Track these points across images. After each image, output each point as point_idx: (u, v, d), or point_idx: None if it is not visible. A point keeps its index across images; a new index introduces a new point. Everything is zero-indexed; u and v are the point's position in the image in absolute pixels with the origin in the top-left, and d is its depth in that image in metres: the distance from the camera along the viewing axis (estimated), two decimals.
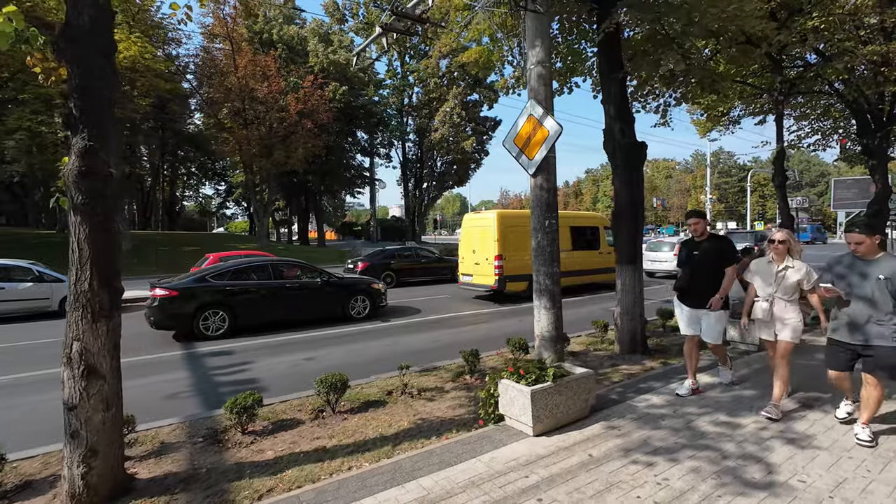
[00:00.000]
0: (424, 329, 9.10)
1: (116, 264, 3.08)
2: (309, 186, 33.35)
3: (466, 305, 11.88)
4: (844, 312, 3.42)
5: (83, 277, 2.91)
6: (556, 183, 5.57)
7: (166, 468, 3.48)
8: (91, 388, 2.91)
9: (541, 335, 5.40)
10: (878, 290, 3.21)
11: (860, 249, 3.35)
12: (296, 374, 6.32)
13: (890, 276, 3.18)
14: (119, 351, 3.09)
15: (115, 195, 3.05)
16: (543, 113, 5.25)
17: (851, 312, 3.37)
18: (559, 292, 5.38)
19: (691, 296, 4.64)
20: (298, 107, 25.35)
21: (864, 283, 3.31)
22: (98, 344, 2.94)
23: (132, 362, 6.88)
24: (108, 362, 2.99)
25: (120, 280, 3.10)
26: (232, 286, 8.68)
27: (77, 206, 2.90)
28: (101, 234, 2.97)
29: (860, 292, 3.32)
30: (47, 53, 3.11)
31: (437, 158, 36.67)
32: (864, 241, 3.32)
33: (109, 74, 3.09)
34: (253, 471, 3.38)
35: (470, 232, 13.33)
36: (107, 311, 2.98)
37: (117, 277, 3.07)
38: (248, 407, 4.00)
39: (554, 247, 5.36)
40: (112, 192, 3.02)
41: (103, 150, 2.97)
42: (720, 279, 4.43)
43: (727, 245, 4.58)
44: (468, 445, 3.56)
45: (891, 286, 3.18)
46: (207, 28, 27.18)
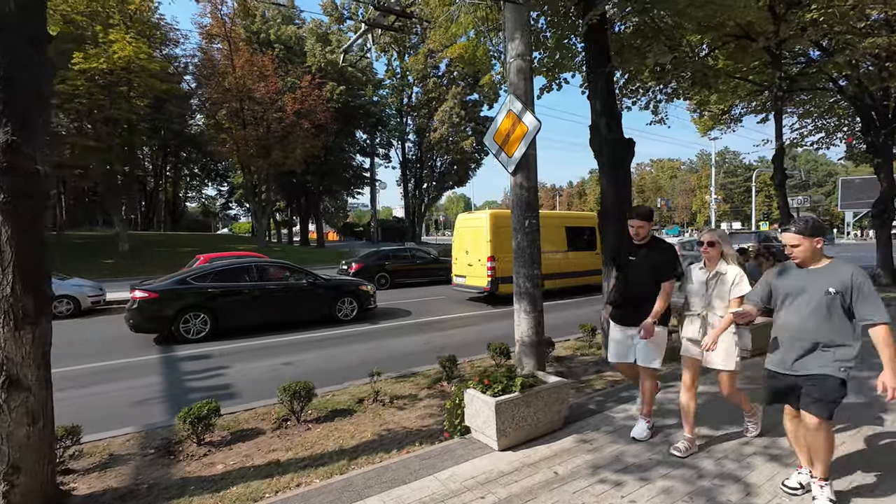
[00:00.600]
0: (412, 332, 8.88)
1: (44, 267, 2.88)
2: (308, 187, 33.27)
3: (458, 307, 11.67)
4: (782, 334, 2.71)
5: (5, 282, 2.71)
6: (538, 181, 5.33)
7: (108, 483, 3.29)
8: (12, 401, 2.71)
9: (521, 340, 5.17)
10: (824, 307, 2.51)
11: (796, 254, 2.62)
12: (271, 379, 6.10)
13: (842, 291, 2.47)
14: (48, 360, 2.90)
15: (41, 194, 2.86)
16: (522, 108, 5.04)
17: (789, 334, 2.65)
18: (540, 295, 5.15)
19: (623, 310, 3.70)
20: (296, 107, 25.26)
21: (804, 297, 2.60)
22: (22, 353, 2.74)
23: (104, 367, 6.72)
24: (34, 372, 2.80)
25: (48, 284, 2.90)
26: (213, 288, 8.51)
27: (2, 209, 2.70)
28: (25, 235, 2.77)
29: (798, 310, 2.61)
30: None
31: (437, 158, 36.50)
32: (800, 244, 2.58)
33: (38, 65, 2.90)
34: (197, 487, 3.18)
35: (463, 232, 13.12)
36: (32, 318, 2.78)
37: (44, 281, 2.87)
38: (203, 417, 3.80)
39: (534, 248, 5.14)
40: (38, 191, 2.83)
41: (27, 145, 2.78)
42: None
43: (667, 255, 3.53)
44: (428, 460, 3.34)
45: (844, 302, 2.48)
46: (205, 28, 27.17)
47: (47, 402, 2.89)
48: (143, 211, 45.45)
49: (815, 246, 2.58)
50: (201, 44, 27.67)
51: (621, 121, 6.15)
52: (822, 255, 2.62)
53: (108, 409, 5.01)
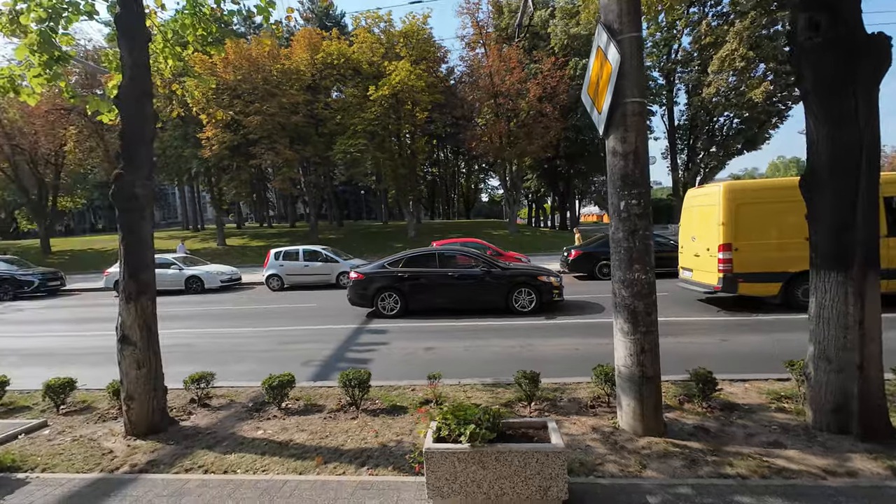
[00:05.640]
0: (578, 333, 7.68)
1: (145, 261, 4.03)
2: (560, 171, 33.00)
3: (675, 310, 9.19)
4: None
5: (121, 271, 3.97)
6: (646, 142, 3.64)
7: (203, 421, 4.36)
8: (125, 351, 3.96)
9: (618, 371, 3.78)
10: None
11: None
12: (402, 361, 6.58)
13: None
14: (150, 324, 4.06)
15: (139, 208, 3.99)
16: (608, 40, 3.56)
17: None
18: (646, 309, 3.58)
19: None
20: (538, 92, 25.33)
21: None
22: (130, 320, 3.96)
23: (309, 331, 8.79)
24: (137, 333, 3.99)
25: (148, 273, 4.04)
26: (401, 273, 9.72)
27: (118, 217, 3.95)
28: (131, 237, 3.95)
29: None
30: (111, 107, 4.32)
31: (717, 118, 29.35)
32: None
33: (142, 119, 4.02)
34: (229, 444, 3.82)
35: (690, 213, 10.21)
36: (135, 297, 3.96)
37: (145, 271, 4.02)
38: (278, 386, 4.48)
39: (635, 241, 3.61)
40: (136, 206, 3.96)
41: (130, 175, 3.93)
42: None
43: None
44: (368, 491, 2.89)
45: None
46: (467, 39, 30.54)
47: (149, 353, 4.07)
48: (432, 202, 55.49)
49: None
50: (462, 54, 31.35)
51: (856, 5, 3.36)
52: None
53: (281, 364, 6.52)
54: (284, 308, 11.74)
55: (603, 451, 3.42)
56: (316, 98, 27.84)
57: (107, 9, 4.67)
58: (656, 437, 3.57)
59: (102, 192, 53.19)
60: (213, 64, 23.68)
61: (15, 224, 56.07)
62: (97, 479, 3.36)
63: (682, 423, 3.83)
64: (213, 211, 40.77)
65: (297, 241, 27.52)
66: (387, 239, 30.46)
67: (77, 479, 3.37)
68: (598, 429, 3.80)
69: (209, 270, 16.20)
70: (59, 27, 4.42)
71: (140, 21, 4.08)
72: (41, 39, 4.30)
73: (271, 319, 10.27)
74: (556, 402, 4.44)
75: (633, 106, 3.56)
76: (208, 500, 2.98)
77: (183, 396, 4.93)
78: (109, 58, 5.06)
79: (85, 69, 21.67)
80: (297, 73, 26.93)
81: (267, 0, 4.89)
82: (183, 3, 4.96)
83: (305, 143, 27.51)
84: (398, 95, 25.21)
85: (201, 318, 10.78)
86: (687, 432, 3.66)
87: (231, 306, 12.53)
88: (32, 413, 4.79)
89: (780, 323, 7.67)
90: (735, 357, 5.93)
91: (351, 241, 29.21)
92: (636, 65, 3.56)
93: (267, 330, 9.17)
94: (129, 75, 4.01)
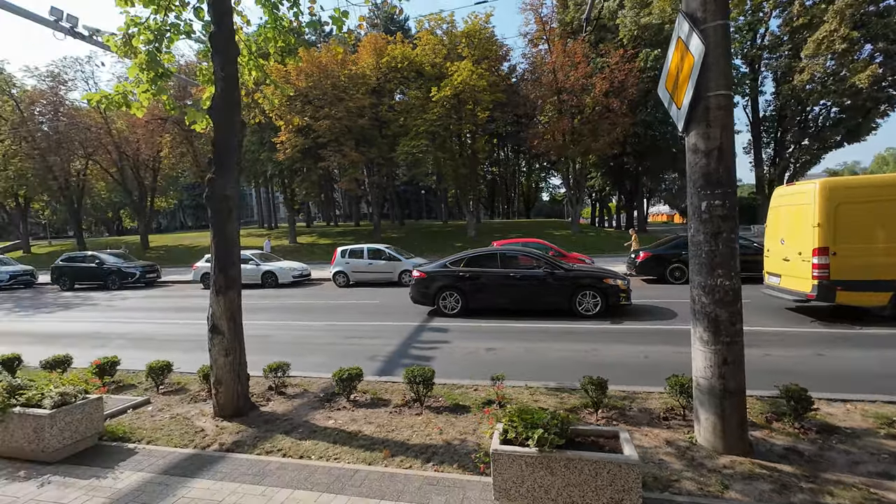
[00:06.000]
0: (646, 340, 7.30)
1: (232, 257, 4.39)
2: (627, 169, 31.48)
3: (760, 319, 8.40)
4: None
5: (212, 266, 4.35)
6: (732, 138, 3.39)
7: (280, 408, 4.67)
8: (215, 340, 4.34)
9: (696, 383, 3.57)
10: None
11: None
12: (463, 360, 6.64)
13: None
14: (236, 316, 4.42)
15: (228, 209, 4.34)
16: (689, 30, 3.36)
17: None
18: (730, 318, 3.35)
19: None
20: (605, 87, 24.33)
21: None
22: (219, 311, 4.34)
23: (373, 326, 9.08)
24: (226, 323, 4.35)
25: (235, 269, 4.40)
26: (463, 272, 9.78)
27: (210, 217, 4.34)
28: (220, 236, 4.33)
29: None
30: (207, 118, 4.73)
31: (811, 108, 26.47)
32: None
33: (231, 127, 4.38)
34: (303, 431, 4.06)
35: (778, 213, 9.32)
36: (223, 290, 4.33)
37: (232, 267, 4.38)
38: (347, 379, 4.70)
39: (718, 245, 3.39)
40: (225, 207, 4.32)
41: (221, 179, 4.30)
42: None
43: None
44: (430, 487, 2.94)
45: None
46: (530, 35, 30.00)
47: (235, 343, 4.42)
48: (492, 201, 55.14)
49: None
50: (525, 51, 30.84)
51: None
52: None
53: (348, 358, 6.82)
54: (350, 304, 12.26)
55: (679, 466, 3.22)
56: (380, 101, 28.76)
57: (202, 27, 5.14)
58: (740, 457, 3.31)
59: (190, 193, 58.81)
60: (287, 72, 25.23)
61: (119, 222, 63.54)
62: (192, 454, 3.72)
63: (771, 444, 3.51)
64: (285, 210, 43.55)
65: (361, 239, 28.63)
66: (447, 238, 30.78)
67: (176, 452, 3.76)
68: (672, 442, 3.59)
69: (282, 266, 17.30)
70: (162, 47, 4.93)
71: (230, 38, 4.44)
72: (148, 59, 4.82)
73: (338, 314, 10.77)
74: (624, 410, 4.26)
75: (717, 99, 3.32)
76: (287, 482, 3.20)
77: (262, 384, 5.32)
78: (203, 71, 5.55)
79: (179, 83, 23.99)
80: (362, 78, 27.97)
81: (341, 11, 5.13)
82: (265, 19, 5.34)
83: (370, 145, 28.52)
84: (460, 96, 25.36)
85: (276, 311, 11.55)
86: (776, 454, 3.35)
87: (302, 300, 13.30)
88: (137, 391, 5.40)
89: (888, 338, 6.79)
90: (833, 374, 5.33)
91: (412, 240, 29.87)
92: (722, 55, 3.31)
93: (334, 324, 9.64)
94: (220, 87, 4.39)
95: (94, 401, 3.98)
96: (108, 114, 29.09)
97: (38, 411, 3.64)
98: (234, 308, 4.42)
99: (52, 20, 8.23)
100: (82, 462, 3.66)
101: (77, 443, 3.79)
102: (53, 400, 3.72)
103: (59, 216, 50.19)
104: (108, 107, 5.00)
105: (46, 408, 3.67)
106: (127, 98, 5.11)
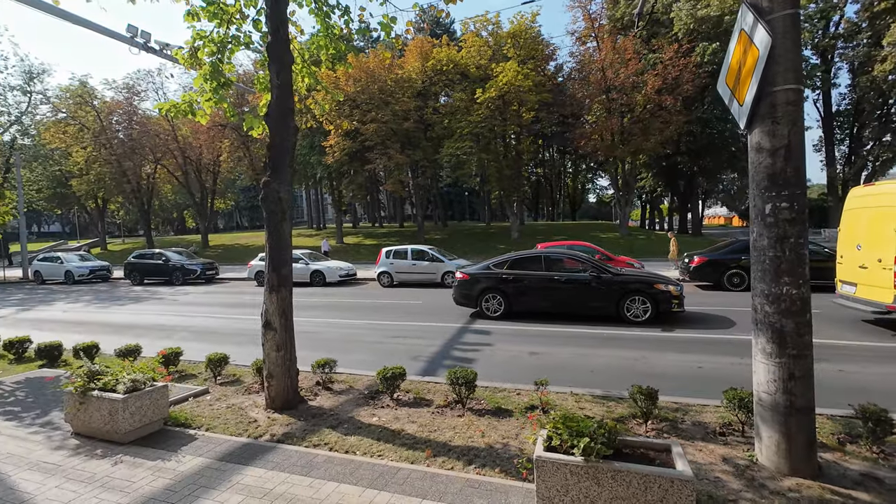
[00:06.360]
0: (701, 350, 6.90)
1: (285, 257, 4.59)
2: (681, 169, 29.99)
3: (834, 331, 7.71)
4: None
5: (266, 265, 4.57)
6: (801, 136, 3.15)
7: (326, 403, 4.82)
8: (268, 335, 4.55)
9: (757, 397, 3.37)
10: None
11: None
12: (506, 362, 6.58)
13: None
14: (288, 313, 4.61)
15: (281, 211, 4.54)
16: (754, 21, 3.16)
17: None
18: (797, 329, 3.13)
19: None
20: (657, 84, 23.31)
21: None
22: (272, 308, 4.54)
23: (416, 327, 9.18)
24: (278, 320, 4.55)
25: (287, 268, 4.59)
26: (506, 275, 9.69)
27: (264, 218, 4.56)
28: (274, 237, 4.53)
29: None
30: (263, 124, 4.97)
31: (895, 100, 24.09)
32: None
33: (285, 132, 4.59)
34: (349, 426, 4.18)
35: (854, 216, 8.55)
36: (276, 288, 4.53)
37: (284, 266, 4.58)
38: (390, 378, 4.79)
39: (784, 250, 3.18)
40: (279, 209, 4.52)
41: (276, 182, 4.51)
42: None
43: None
44: (472, 490, 2.92)
45: None
46: (577, 34, 29.32)
47: (286, 338, 4.62)
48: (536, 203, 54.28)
49: None
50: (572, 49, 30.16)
51: None
52: None
53: (394, 358, 6.94)
54: (393, 303, 12.47)
55: (737, 486, 3.02)
56: (425, 104, 29.11)
57: (259, 38, 5.43)
58: (807, 480, 3.05)
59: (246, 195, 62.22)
60: (337, 78, 26.08)
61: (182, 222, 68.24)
62: (246, 443, 3.93)
63: (844, 468, 3.22)
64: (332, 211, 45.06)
65: (404, 240, 29.08)
66: (489, 240, 30.65)
67: (231, 440, 3.97)
68: (729, 460, 3.38)
69: (329, 266, 17.89)
70: (224, 58, 5.25)
71: (286, 47, 4.66)
72: (212, 69, 5.15)
73: (382, 313, 10.99)
74: (676, 423, 4.05)
75: (785, 94, 3.09)
76: (333, 475, 3.30)
77: (310, 379, 5.51)
78: (260, 80, 5.86)
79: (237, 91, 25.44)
80: (408, 82, 28.43)
81: (389, 17, 5.24)
82: (318, 27, 5.55)
83: (415, 148, 28.94)
84: (505, 97, 25.19)
85: (323, 309, 11.96)
86: (851, 479, 3.07)
87: (347, 299, 13.69)
88: (197, 380, 5.76)
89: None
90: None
91: (455, 242, 29.97)
92: (790, 46, 3.09)
93: (378, 323, 9.84)
94: (276, 95, 4.61)
95: (161, 388, 4.28)
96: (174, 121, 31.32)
97: (113, 395, 3.97)
98: (286, 305, 4.61)
99: (128, 36, 8.98)
100: (149, 444, 3.95)
101: (145, 426, 4.10)
102: (126, 386, 4.04)
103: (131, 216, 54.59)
104: (176, 115, 5.38)
105: (120, 393, 4.00)
106: (192, 106, 5.47)
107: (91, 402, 4.03)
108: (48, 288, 20.61)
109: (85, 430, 4.12)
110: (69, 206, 46.55)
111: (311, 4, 5.27)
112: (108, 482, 3.32)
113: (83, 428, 4.13)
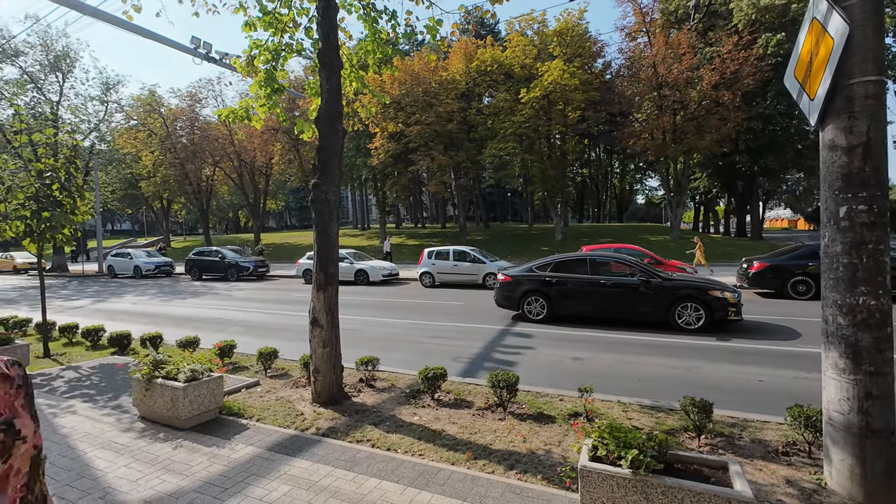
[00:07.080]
0: (767, 362, 6.44)
1: (332, 256, 4.72)
2: (739, 168, 28.21)
3: None
4: None
5: (314, 264, 4.73)
6: (883, 132, 2.89)
7: (369, 400, 4.92)
8: (315, 331, 4.71)
9: (827, 416, 3.13)
10: None
11: None
12: (548, 367, 6.45)
13: None
14: (334, 310, 4.75)
15: (329, 211, 4.68)
16: (828, 8, 2.93)
17: None
18: (875, 344, 2.89)
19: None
20: (714, 79, 22.06)
21: None
22: (319, 305, 4.70)
23: (457, 328, 9.17)
24: (325, 318, 4.70)
25: (334, 266, 4.73)
26: (550, 277, 9.50)
27: (313, 218, 4.72)
28: (322, 237, 4.69)
29: None
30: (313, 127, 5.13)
31: None
32: None
33: (334, 135, 4.73)
34: (390, 424, 4.24)
35: None
36: (323, 286, 4.68)
37: (332, 265, 4.71)
38: (432, 378, 4.82)
39: (860, 256, 2.95)
40: (327, 210, 4.67)
41: (324, 184, 4.66)
42: None
43: None
44: (513, 495, 2.87)
45: None
46: (627, 30, 28.30)
47: (332, 335, 4.75)
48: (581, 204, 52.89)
49: None
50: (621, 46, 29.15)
51: None
52: None
53: (432, 358, 6.98)
54: (435, 304, 12.56)
55: None
56: (469, 105, 29.13)
57: (311, 45, 5.63)
58: None
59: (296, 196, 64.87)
60: (383, 81, 26.63)
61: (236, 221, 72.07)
62: (293, 435, 4.08)
63: None
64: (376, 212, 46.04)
65: (446, 241, 29.22)
66: (532, 241, 30.20)
67: (280, 432, 4.14)
68: (794, 482, 3.13)
69: (373, 265, 18.28)
70: (278, 65, 5.49)
71: (335, 52, 4.81)
72: (266, 76, 5.41)
73: (423, 313, 11.09)
74: (733, 439, 3.81)
75: (864, 87, 2.83)
76: (375, 471, 3.36)
77: (354, 375, 5.65)
78: (311, 85, 6.08)
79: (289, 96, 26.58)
80: (452, 83, 28.56)
81: (435, 20, 5.29)
82: (365, 33, 5.69)
83: (458, 149, 29.01)
84: (549, 96, 24.74)
85: (366, 307, 12.23)
86: None
87: (390, 298, 13.93)
88: (249, 372, 6.05)
89: None
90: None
91: (496, 243, 29.77)
92: (870, 35, 2.82)
93: (419, 323, 9.94)
94: (325, 99, 4.77)
95: (217, 379, 4.54)
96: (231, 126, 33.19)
97: (174, 384, 4.25)
98: (332, 303, 4.76)
99: (192, 48, 9.60)
100: (206, 431, 4.19)
101: (202, 414, 4.36)
102: (186, 375, 4.32)
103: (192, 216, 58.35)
104: (233, 120, 5.68)
105: (181, 381, 4.27)
106: (248, 112, 5.76)
107: (155, 389, 4.33)
108: (119, 281, 22.42)
109: (149, 415, 4.44)
110: (138, 206, 50.45)
111: (359, 10, 5.41)
112: (169, 465, 3.56)
113: (148, 412, 4.45)
